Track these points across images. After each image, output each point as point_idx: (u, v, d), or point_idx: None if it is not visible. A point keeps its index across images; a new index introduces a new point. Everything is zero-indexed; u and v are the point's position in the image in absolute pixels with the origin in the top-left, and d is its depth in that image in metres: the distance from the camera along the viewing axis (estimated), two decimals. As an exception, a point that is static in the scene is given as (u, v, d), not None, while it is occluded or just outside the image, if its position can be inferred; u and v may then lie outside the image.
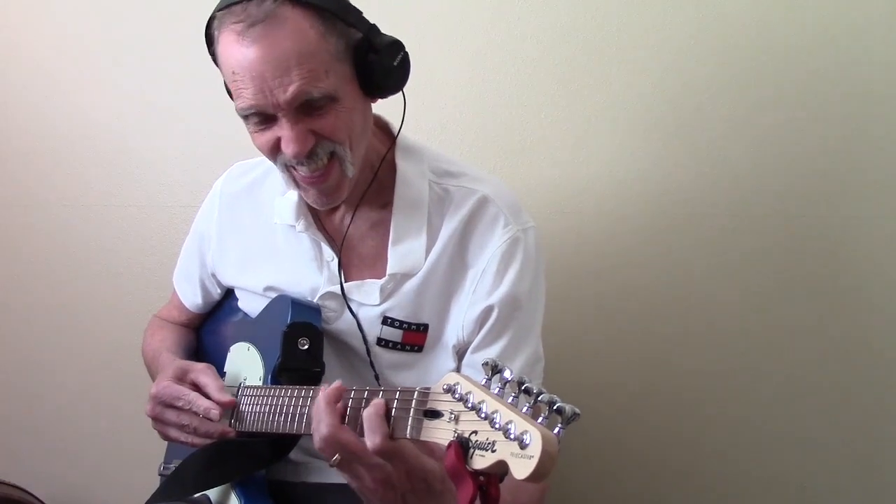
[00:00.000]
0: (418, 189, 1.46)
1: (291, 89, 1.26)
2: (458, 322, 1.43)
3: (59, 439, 2.18)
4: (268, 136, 1.33)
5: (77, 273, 2.13)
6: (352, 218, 1.47)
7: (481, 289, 1.42)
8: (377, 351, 1.45)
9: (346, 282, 1.46)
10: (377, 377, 1.45)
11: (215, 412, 1.36)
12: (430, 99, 1.93)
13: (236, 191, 1.61)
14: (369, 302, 1.45)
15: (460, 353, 1.46)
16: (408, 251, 1.43)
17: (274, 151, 1.34)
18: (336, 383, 1.18)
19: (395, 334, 1.44)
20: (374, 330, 1.45)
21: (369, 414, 1.09)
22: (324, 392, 1.17)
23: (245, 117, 1.33)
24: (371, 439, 1.08)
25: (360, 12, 1.34)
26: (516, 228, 1.43)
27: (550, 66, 1.91)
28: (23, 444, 2.18)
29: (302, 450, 1.48)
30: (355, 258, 1.49)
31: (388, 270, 1.43)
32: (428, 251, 1.43)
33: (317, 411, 1.16)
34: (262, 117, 1.31)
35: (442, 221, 1.44)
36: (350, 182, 1.38)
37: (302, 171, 1.35)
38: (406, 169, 1.47)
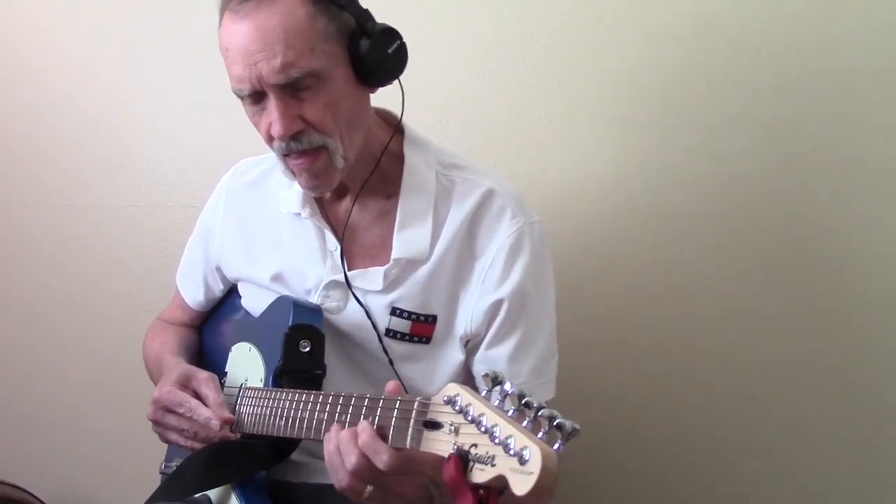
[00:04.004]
0: (425, 179, 1.47)
1: (275, 62, 1.28)
2: (466, 314, 1.44)
3: (59, 439, 2.19)
4: (264, 122, 1.35)
5: (77, 273, 2.14)
6: (352, 204, 1.48)
7: (490, 280, 1.43)
8: (386, 341, 1.46)
9: (349, 271, 1.47)
10: (391, 362, 1.45)
11: (216, 423, 1.37)
12: (430, 98, 1.92)
13: (242, 185, 1.63)
14: (373, 288, 1.45)
15: (468, 346, 1.46)
16: (413, 237, 1.44)
17: (271, 139, 1.37)
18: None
19: (403, 325, 1.45)
20: (382, 321, 1.45)
21: (363, 441, 1.09)
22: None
23: (241, 98, 1.36)
24: (379, 461, 1.08)
25: None
26: (523, 221, 1.44)
27: (551, 66, 1.91)
28: (23, 444, 2.19)
29: (303, 450, 1.48)
30: (360, 248, 1.50)
31: (393, 255, 1.44)
32: (434, 240, 1.44)
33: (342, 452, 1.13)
34: (253, 97, 1.34)
35: (448, 211, 1.45)
36: (341, 172, 1.40)
37: (293, 155, 1.37)
38: (414, 159, 1.48)
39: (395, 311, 1.45)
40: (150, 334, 1.75)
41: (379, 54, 1.35)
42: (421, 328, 1.45)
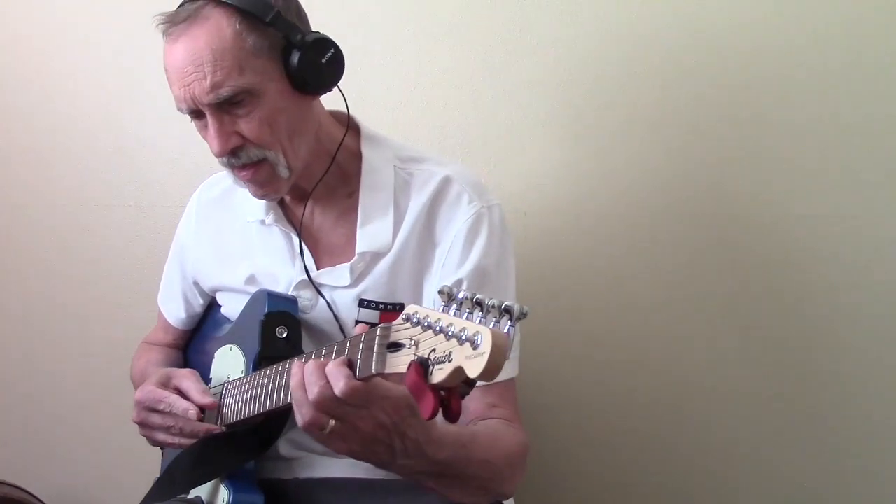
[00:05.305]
0: (384, 174, 1.49)
1: (205, 83, 1.33)
2: (430, 298, 1.46)
3: (59, 439, 2.18)
4: (207, 138, 1.40)
5: (77, 273, 2.13)
6: (307, 207, 1.51)
7: (450, 263, 1.44)
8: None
9: (318, 269, 1.49)
10: None
11: (193, 412, 1.38)
12: (430, 100, 1.95)
13: (212, 198, 1.66)
14: (341, 284, 1.47)
15: None
16: (376, 231, 1.46)
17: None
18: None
19: (372, 316, 1.46)
20: (351, 313, 1.47)
21: (330, 369, 1.10)
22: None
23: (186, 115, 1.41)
24: (337, 387, 1.09)
25: (283, 12, 1.37)
26: (480, 205, 1.46)
27: (551, 67, 1.92)
28: (23, 444, 2.18)
29: (292, 444, 1.50)
30: (326, 247, 1.52)
31: (357, 250, 1.46)
32: (396, 231, 1.46)
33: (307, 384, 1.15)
34: (194, 115, 1.39)
35: (408, 202, 1.48)
36: (288, 181, 1.43)
37: (236, 168, 1.41)
38: (372, 156, 1.51)
39: (362, 303, 1.46)
40: (136, 356, 1.77)
41: (311, 64, 1.38)
42: (389, 317, 1.42)
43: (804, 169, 1.88)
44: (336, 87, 1.45)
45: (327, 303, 1.47)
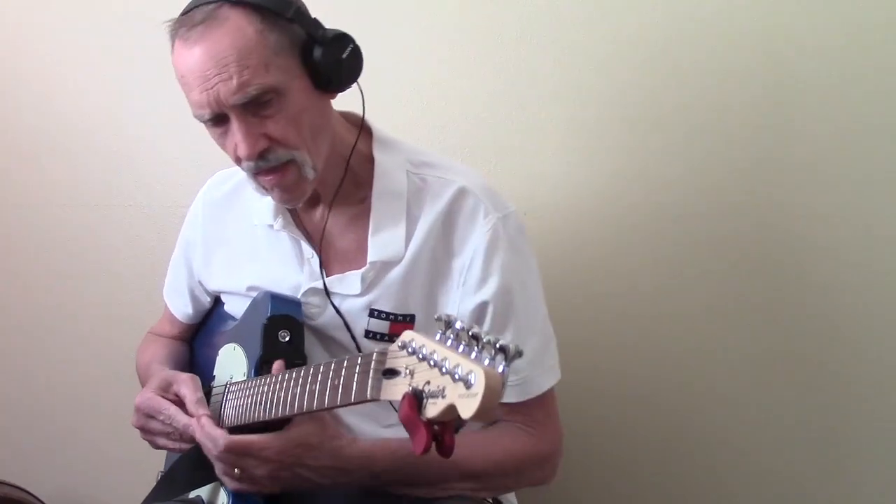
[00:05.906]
0: (397, 179, 1.47)
1: (231, 84, 1.29)
2: (445, 309, 1.44)
3: (59, 439, 2.19)
4: (230, 144, 1.36)
5: (76, 273, 2.14)
6: (328, 213, 1.49)
7: (471, 281, 1.42)
8: (365, 343, 1.46)
9: (327, 277, 1.48)
10: None
11: (193, 429, 1.38)
12: (430, 99, 1.95)
13: (218, 197, 1.64)
14: (351, 292, 1.46)
15: None
16: (388, 240, 1.44)
17: (239, 159, 1.37)
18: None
19: (382, 326, 1.45)
20: (361, 322, 1.46)
21: (207, 432, 1.34)
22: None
23: (204, 123, 1.37)
24: (216, 448, 1.31)
25: (301, 8, 1.36)
26: (496, 217, 1.44)
27: (552, 67, 1.91)
28: (23, 444, 2.20)
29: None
30: (337, 253, 1.50)
31: (369, 259, 1.44)
32: (408, 240, 1.44)
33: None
34: (216, 120, 1.35)
35: (421, 211, 1.45)
36: (312, 182, 1.40)
37: (262, 172, 1.38)
38: (384, 160, 1.48)
39: (372, 313, 1.45)
40: (141, 348, 1.77)
41: (333, 61, 1.35)
42: (399, 328, 1.43)
43: (805, 169, 1.87)
44: (356, 84, 1.42)
45: (340, 314, 1.46)
